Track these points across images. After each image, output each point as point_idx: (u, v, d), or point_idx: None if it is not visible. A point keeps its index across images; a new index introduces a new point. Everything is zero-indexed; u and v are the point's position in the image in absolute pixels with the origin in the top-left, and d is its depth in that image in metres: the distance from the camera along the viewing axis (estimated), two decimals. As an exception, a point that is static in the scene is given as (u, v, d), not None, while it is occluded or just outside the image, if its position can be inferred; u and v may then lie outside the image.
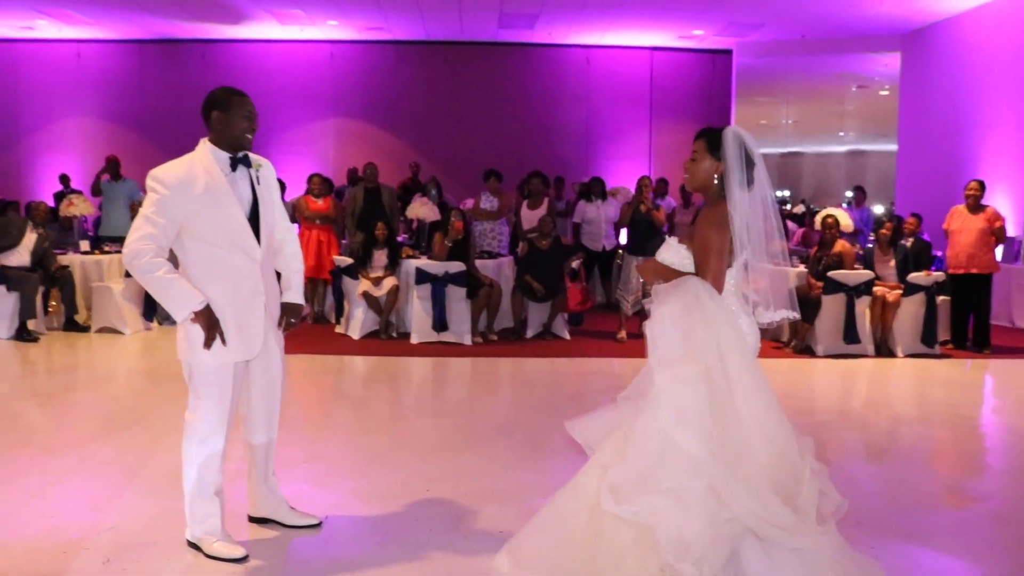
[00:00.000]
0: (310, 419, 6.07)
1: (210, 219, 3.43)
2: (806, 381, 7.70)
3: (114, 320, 9.20)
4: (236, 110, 3.49)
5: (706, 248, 3.17)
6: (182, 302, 3.40)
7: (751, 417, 3.04)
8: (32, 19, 13.68)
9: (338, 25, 14.12)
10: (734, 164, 3.20)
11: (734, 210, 3.17)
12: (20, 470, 4.69)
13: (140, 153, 14.43)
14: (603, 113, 15.45)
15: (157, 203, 3.38)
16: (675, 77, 15.62)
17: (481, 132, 15.24)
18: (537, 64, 15.43)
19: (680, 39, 14.71)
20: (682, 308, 3.10)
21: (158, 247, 3.38)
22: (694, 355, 3.05)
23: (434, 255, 9.02)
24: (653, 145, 15.59)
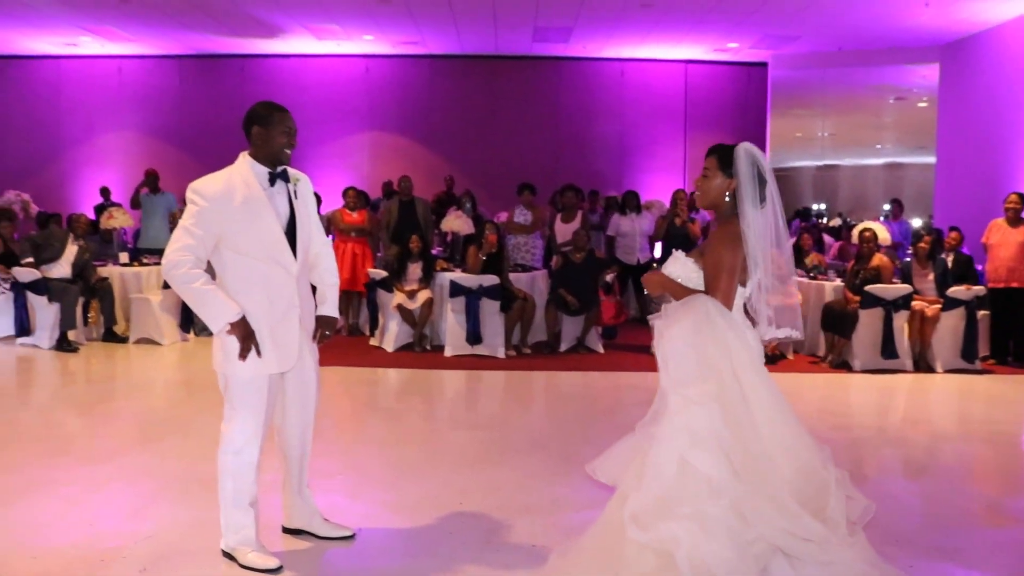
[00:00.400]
0: (344, 431, 6.09)
1: (247, 231, 3.46)
2: (843, 396, 7.61)
3: (152, 331, 9.30)
4: (276, 126, 3.53)
5: (718, 266, 3.13)
6: (218, 313, 3.43)
7: (770, 432, 3.02)
8: (76, 36, 13.94)
9: (374, 40, 14.23)
10: (747, 181, 3.16)
11: (748, 228, 3.13)
12: (60, 479, 4.75)
13: (179, 166, 14.62)
14: (638, 126, 15.42)
15: (196, 215, 3.42)
16: (710, 90, 15.56)
17: (515, 145, 15.27)
18: (572, 77, 15.44)
19: (715, 52, 14.66)
20: (692, 327, 3.07)
21: (196, 258, 3.42)
22: (706, 374, 3.03)
23: (468, 268, 9.04)
24: (688, 158, 15.53)
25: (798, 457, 3.06)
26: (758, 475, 2.95)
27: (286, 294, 3.56)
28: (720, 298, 3.11)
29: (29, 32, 13.66)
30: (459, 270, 9.28)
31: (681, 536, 2.93)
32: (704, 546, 2.91)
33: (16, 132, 15.60)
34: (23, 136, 15.57)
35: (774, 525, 2.92)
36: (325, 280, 3.87)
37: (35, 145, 15.58)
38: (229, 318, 3.42)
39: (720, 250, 3.14)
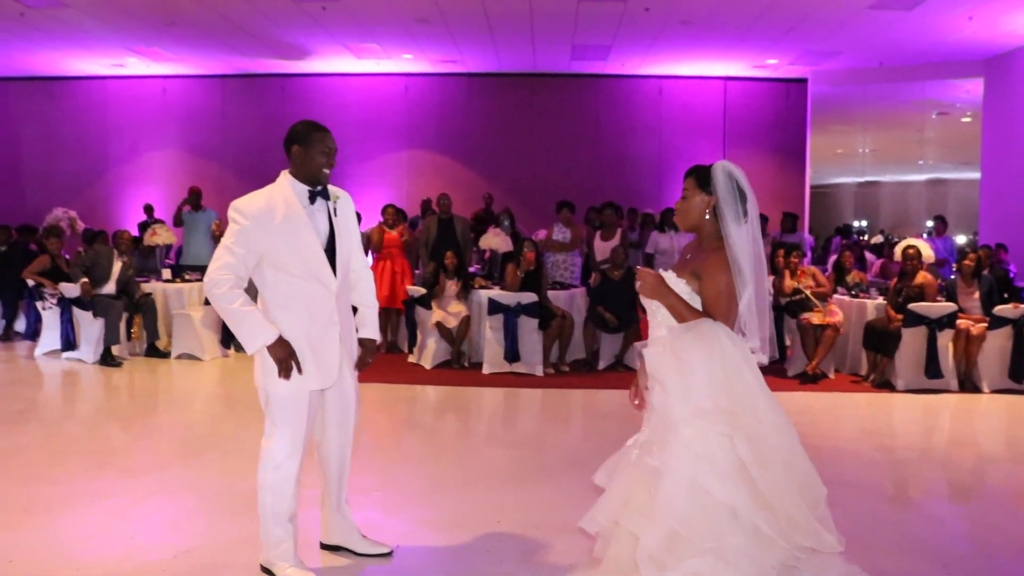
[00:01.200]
0: (382, 447, 6.10)
1: (288, 249, 3.49)
2: (886, 417, 7.48)
3: (193, 347, 9.40)
4: (316, 146, 3.56)
5: (719, 292, 3.09)
6: (254, 335, 3.46)
7: (785, 453, 3.00)
8: (123, 57, 14.22)
9: (413, 59, 14.35)
10: (727, 197, 3.11)
11: (732, 245, 3.09)
12: (102, 491, 4.81)
13: (220, 184, 14.85)
14: (676, 143, 15.37)
15: (237, 233, 3.45)
16: (749, 107, 15.48)
17: (554, 163, 15.28)
18: (610, 95, 15.45)
19: (754, 68, 14.59)
20: (708, 355, 3.02)
21: (237, 277, 3.45)
22: (729, 402, 2.98)
23: (506, 286, 9.03)
24: (727, 175, 15.41)
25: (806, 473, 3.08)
26: (782, 494, 2.93)
27: (326, 311, 3.57)
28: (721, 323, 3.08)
29: (79, 54, 13.97)
30: (497, 288, 9.28)
31: (705, 572, 2.90)
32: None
33: (65, 150, 15.93)
34: (71, 154, 15.90)
35: (794, 543, 2.92)
36: (365, 302, 3.88)
37: (82, 163, 15.90)
38: (264, 341, 3.45)
39: (720, 275, 3.09)
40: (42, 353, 9.52)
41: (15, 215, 13.84)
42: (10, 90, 16.01)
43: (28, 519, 4.36)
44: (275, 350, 3.46)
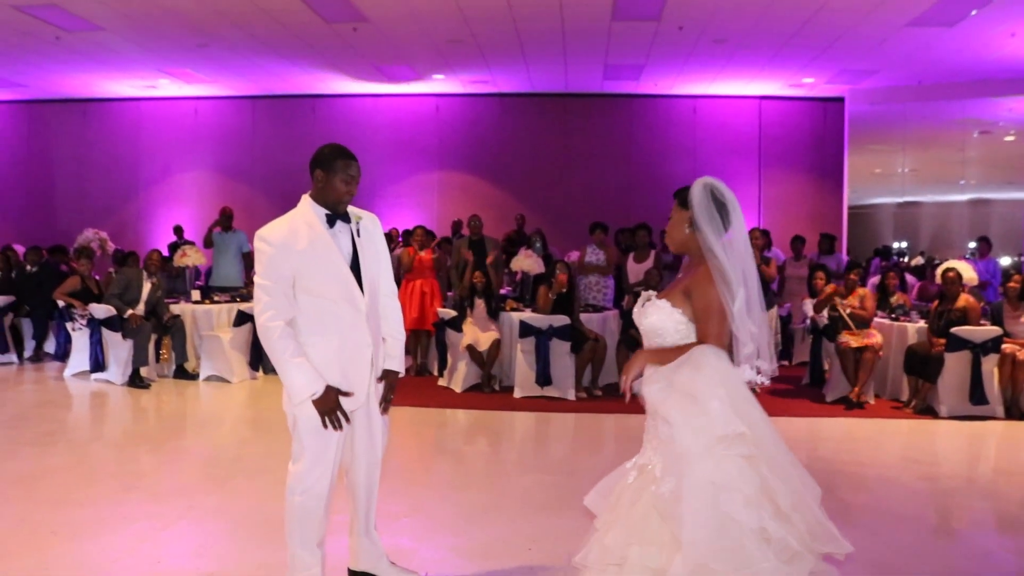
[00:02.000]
0: (411, 472, 6.08)
1: (315, 272, 3.50)
2: (928, 444, 7.35)
3: (222, 368, 9.45)
4: (338, 172, 3.55)
5: (707, 306, 3.04)
6: (299, 387, 3.45)
7: (793, 461, 2.98)
8: (156, 79, 14.42)
9: (444, 79, 14.42)
10: (702, 208, 3.08)
11: (717, 255, 3.04)
12: (129, 515, 4.82)
13: (251, 205, 14.98)
14: (711, 164, 15.27)
15: (266, 263, 3.47)
16: (785, 126, 15.38)
17: (587, 184, 15.27)
18: (643, 115, 15.42)
19: (790, 87, 14.52)
20: (707, 382, 2.96)
21: (284, 320, 3.46)
22: (735, 425, 2.93)
23: (538, 308, 9.01)
24: (763, 196, 15.34)
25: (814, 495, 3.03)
26: (802, 506, 2.91)
27: (357, 333, 3.57)
28: (713, 342, 3.02)
29: (112, 75, 14.18)
30: (529, 310, 9.26)
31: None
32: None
33: (97, 171, 16.16)
34: (103, 175, 16.13)
35: (816, 551, 2.93)
36: (392, 332, 3.85)
37: (114, 184, 16.12)
38: (308, 394, 3.45)
39: (709, 290, 3.04)
40: (71, 374, 9.61)
41: (47, 236, 14.07)
42: (45, 112, 16.29)
43: (56, 542, 4.38)
44: (320, 403, 3.46)
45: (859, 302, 8.79)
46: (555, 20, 10.86)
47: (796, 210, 14.99)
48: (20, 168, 16.45)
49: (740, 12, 10.39)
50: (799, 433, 7.54)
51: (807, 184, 15.27)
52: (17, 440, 6.71)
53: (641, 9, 10.42)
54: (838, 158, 15.10)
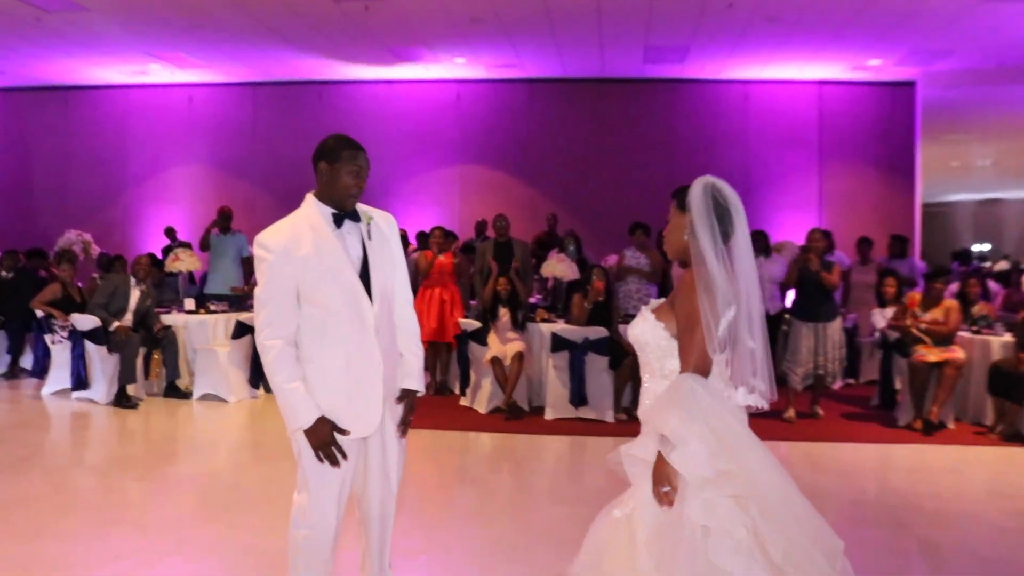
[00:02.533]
0: (430, 503, 6.04)
1: (319, 280, 3.46)
2: (1018, 476, 7.22)
3: (218, 386, 9.45)
4: (344, 164, 3.52)
5: (689, 319, 3.00)
6: (293, 415, 3.46)
7: (794, 506, 2.93)
8: (145, 63, 14.52)
9: (465, 63, 14.42)
10: (700, 213, 3.05)
11: (708, 264, 3.00)
12: (114, 551, 4.81)
13: (251, 203, 15.05)
14: (765, 156, 15.19)
15: (266, 272, 3.46)
16: (848, 114, 15.26)
17: (626, 179, 15.20)
18: (688, 102, 15.35)
19: (853, 70, 14.40)
20: (687, 420, 2.91)
21: (282, 338, 3.46)
22: (719, 464, 2.90)
23: (572, 319, 8.95)
24: (823, 192, 15.23)
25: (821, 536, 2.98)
26: (800, 556, 2.87)
27: (366, 349, 3.52)
28: (696, 356, 2.98)
29: (97, 60, 14.29)
30: (562, 321, 9.20)
31: None
32: None
33: (80, 166, 16.30)
34: (87, 170, 16.25)
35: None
36: (409, 348, 3.81)
37: (99, 180, 16.24)
38: (301, 424, 3.45)
39: (691, 297, 3.01)
40: (50, 392, 9.66)
41: (25, 238, 14.16)
42: (23, 100, 16.45)
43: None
44: (311, 435, 3.45)
45: (944, 316, 8.62)
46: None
47: (861, 208, 14.86)
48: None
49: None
50: (868, 461, 7.44)
51: (874, 179, 15.13)
52: (-10, 465, 6.74)
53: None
54: (909, 150, 14.96)
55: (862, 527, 5.57)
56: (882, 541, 5.26)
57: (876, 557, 4.93)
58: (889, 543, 5.23)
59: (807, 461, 7.35)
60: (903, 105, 15.04)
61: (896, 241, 11.93)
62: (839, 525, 5.58)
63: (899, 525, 5.57)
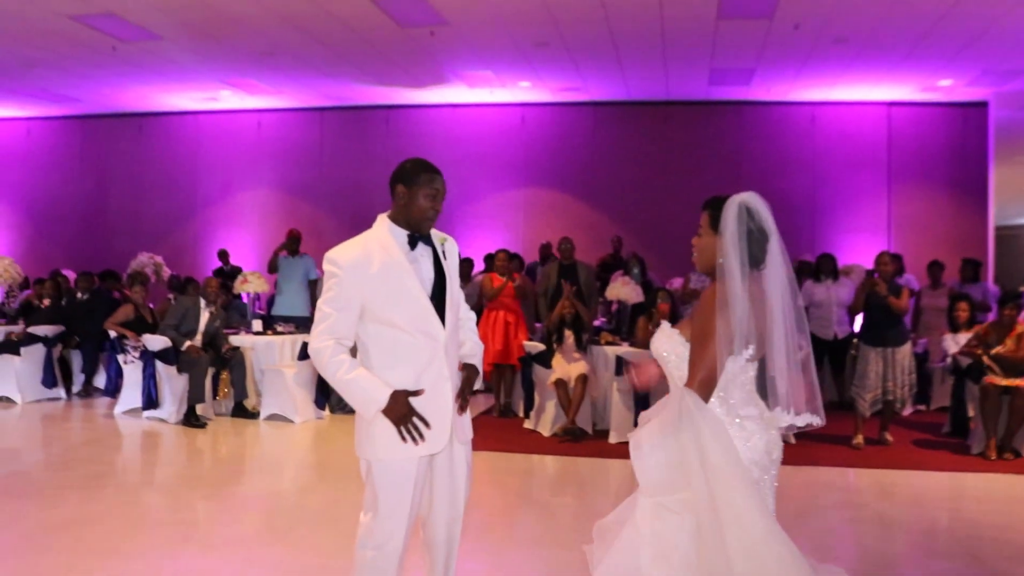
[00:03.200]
0: (493, 527, 6.02)
1: (388, 300, 3.49)
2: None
3: (285, 407, 9.55)
4: (422, 187, 3.54)
5: (704, 334, 2.99)
6: (365, 400, 3.45)
7: (742, 550, 2.86)
8: (217, 90, 14.82)
9: (530, 87, 14.49)
10: (731, 238, 3.04)
11: (730, 293, 2.98)
12: (183, 569, 4.87)
13: (318, 227, 15.21)
14: (832, 179, 15.01)
15: (334, 287, 3.48)
16: (918, 136, 15.03)
17: (691, 202, 14.87)
18: (754, 124, 15.24)
19: (923, 91, 14.19)
20: (664, 427, 2.95)
21: (337, 341, 3.46)
22: (680, 481, 2.91)
23: (637, 342, 8.91)
24: (892, 215, 14.99)
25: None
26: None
27: (435, 367, 3.54)
28: (705, 373, 2.97)
29: (170, 87, 14.63)
30: (626, 344, 9.16)
31: None
32: None
33: (153, 190, 16.67)
34: (159, 194, 16.62)
35: None
36: (468, 337, 3.83)
37: (171, 204, 16.59)
38: (378, 405, 3.43)
39: (707, 314, 3.01)
40: (122, 411, 9.84)
41: (98, 260, 14.50)
42: (99, 127, 16.88)
43: (103, 597, 4.43)
44: (391, 412, 3.44)
45: (1016, 344, 8.42)
46: (654, 19, 10.82)
47: (932, 231, 14.61)
48: (71, 187, 17.06)
49: (864, 6, 10.20)
50: (939, 490, 7.27)
51: (945, 201, 14.87)
52: (63, 483, 6.87)
53: (751, 6, 10.31)
54: (982, 171, 14.67)
55: (934, 558, 5.45)
56: (954, 573, 5.13)
57: (949, 588, 4.82)
58: (962, 575, 5.11)
59: (876, 489, 7.21)
60: (975, 126, 14.78)
61: (968, 265, 11.70)
62: (910, 555, 5.50)
63: (972, 557, 5.44)
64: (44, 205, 17.19)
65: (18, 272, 12.02)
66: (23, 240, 17.18)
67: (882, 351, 8.52)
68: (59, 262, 15.23)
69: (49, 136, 17.24)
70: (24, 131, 17.25)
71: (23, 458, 8.10)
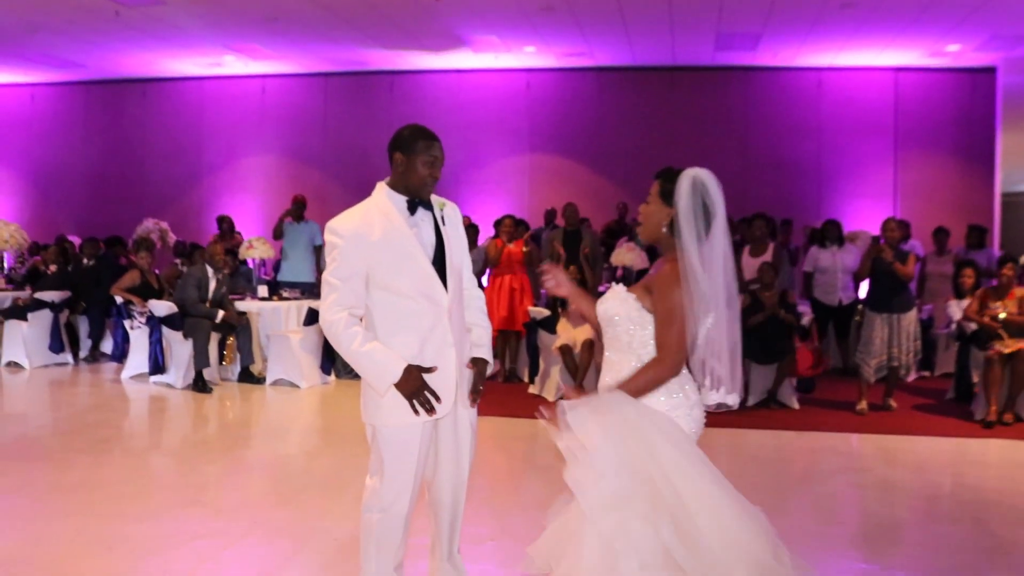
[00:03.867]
0: (498, 491, 6.06)
1: (391, 267, 3.49)
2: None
3: (290, 372, 9.59)
4: (420, 154, 3.53)
5: (672, 313, 3.00)
6: (379, 373, 3.45)
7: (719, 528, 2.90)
8: (221, 55, 14.75)
9: (536, 52, 14.40)
10: (687, 213, 3.04)
11: (688, 266, 3.00)
12: (192, 531, 4.91)
13: (323, 192, 15.20)
14: (839, 145, 14.94)
15: (337, 257, 3.47)
16: (925, 101, 14.94)
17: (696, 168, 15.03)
18: (761, 90, 15.16)
19: (931, 56, 14.09)
20: (596, 426, 2.96)
21: (349, 312, 3.46)
22: (635, 484, 2.90)
23: (641, 307, 8.89)
24: (899, 182, 14.94)
25: (749, 552, 2.93)
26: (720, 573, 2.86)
27: (439, 333, 3.55)
28: (674, 352, 3.01)
29: (174, 53, 14.56)
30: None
31: None
32: None
33: (157, 157, 16.63)
34: (164, 161, 16.59)
35: None
36: (477, 321, 3.84)
37: (176, 170, 16.56)
38: (392, 379, 3.43)
39: (673, 290, 3.01)
40: (129, 376, 9.89)
41: (105, 226, 14.49)
42: (103, 93, 16.82)
43: (112, 560, 4.48)
44: (404, 386, 3.44)
45: (1017, 306, 8.43)
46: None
47: (938, 198, 14.55)
48: (76, 153, 17.03)
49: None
50: (943, 455, 7.30)
51: (951, 168, 14.81)
52: (71, 447, 6.92)
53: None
54: (989, 138, 14.59)
55: (937, 523, 5.47)
56: (957, 538, 5.16)
57: (951, 554, 4.84)
58: (965, 540, 5.13)
59: (880, 454, 7.24)
60: (983, 92, 14.67)
61: (973, 231, 11.66)
62: (913, 520, 5.52)
63: (975, 521, 5.46)
64: (49, 171, 17.18)
65: (24, 238, 12.02)
66: (28, 206, 17.18)
67: (887, 317, 8.51)
68: (64, 228, 15.25)
69: (53, 102, 17.19)
70: (28, 97, 17.20)
71: (32, 422, 8.15)
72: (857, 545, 5.03)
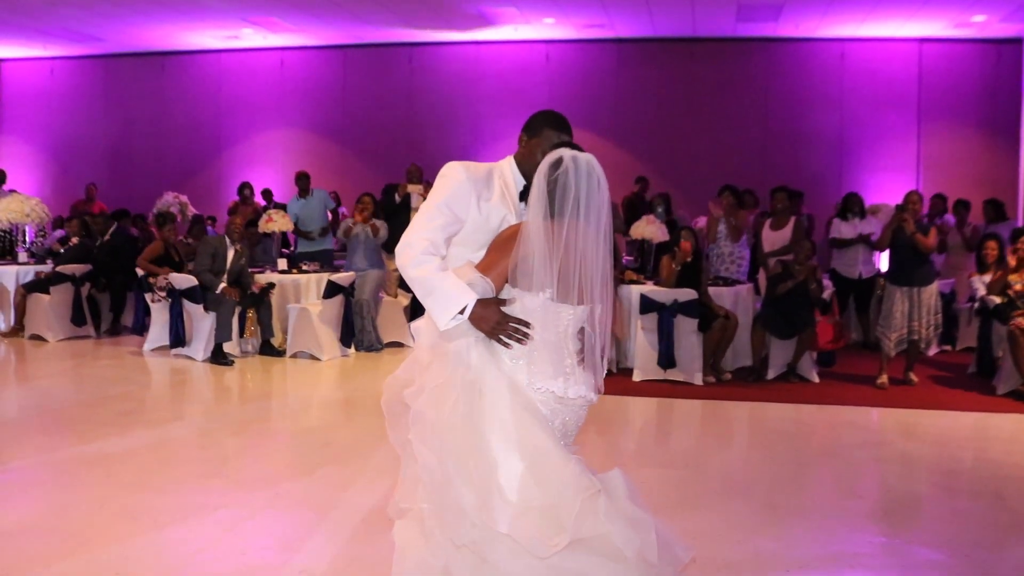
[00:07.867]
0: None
1: (480, 229, 3.29)
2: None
3: (311, 345, 9.64)
4: (542, 142, 3.38)
5: (502, 250, 3.04)
6: (447, 301, 3.01)
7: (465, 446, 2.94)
8: (238, 28, 14.76)
9: (555, 23, 14.34)
10: (537, 193, 3.00)
11: (531, 236, 2.95)
12: (212, 503, 4.96)
13: (342, 166, 15.21)
14: (861, 117, 14.85)
15: (446, 190, 3.21)
16: (949, 73, 14.82)
17: (717, 141, 15.01)
18: (782, 61, 15.07)
19: (956, 27, 13.96)
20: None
21: (432, 243, 3.12)
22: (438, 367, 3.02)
23: (661, 281, 8.91)
24: (922, 154, 14.84)
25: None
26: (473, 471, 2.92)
27: None
28: (497, 270, 3.05)
29: (191, 25, 14.58)
30: (651, 283, 9.16)
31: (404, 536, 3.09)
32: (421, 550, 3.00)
33: (176, 130, 16.71)
34: (183, 134, 16.66)
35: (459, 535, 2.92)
36: None
37: (194, 143, 16.64)
38: (459, 305, 2.99)
39: (510, 245, 3.00)
40: (150, 349, 9.96)
41: (125, 200, 14.56)
42: (121, 67, 16.89)
43: (136, 530, 4.53)
44: (482, 320, 3.00)
45: None
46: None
47: (962, 171, 14.46)
48: (95, 127, 17.13)
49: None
50: (964, 430, 7.29)
51: (976, 141, 14.70)
52: (94, 419, 6.99)
53: (782, -62, 10.15)
54: (1015, 110, 14.45)
55: (957, 497, 5.47)
56: (978, 512, 5.15)
57: (971, 529, 4.84)
58: (985, 515, 5.12)
59: (900, 428, 7.23)
60: (1009, 63, 14.53)
61: (990, 205, 11.59)
62: (934, 495, 5.53)
63: (996, 496, 5.46)
64: (68, 145, 17.29)
65: (46, 212, 12.08)
66: (48, 180, 17.31)
67: (908, 291, 8.48)
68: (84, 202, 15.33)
69: (72, 76, 17.27)
70: (48, 71, 17.29)
71: (55, 394, 8.23)
72: (877, 519, 5.04)
